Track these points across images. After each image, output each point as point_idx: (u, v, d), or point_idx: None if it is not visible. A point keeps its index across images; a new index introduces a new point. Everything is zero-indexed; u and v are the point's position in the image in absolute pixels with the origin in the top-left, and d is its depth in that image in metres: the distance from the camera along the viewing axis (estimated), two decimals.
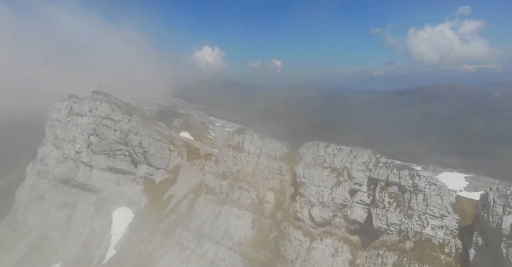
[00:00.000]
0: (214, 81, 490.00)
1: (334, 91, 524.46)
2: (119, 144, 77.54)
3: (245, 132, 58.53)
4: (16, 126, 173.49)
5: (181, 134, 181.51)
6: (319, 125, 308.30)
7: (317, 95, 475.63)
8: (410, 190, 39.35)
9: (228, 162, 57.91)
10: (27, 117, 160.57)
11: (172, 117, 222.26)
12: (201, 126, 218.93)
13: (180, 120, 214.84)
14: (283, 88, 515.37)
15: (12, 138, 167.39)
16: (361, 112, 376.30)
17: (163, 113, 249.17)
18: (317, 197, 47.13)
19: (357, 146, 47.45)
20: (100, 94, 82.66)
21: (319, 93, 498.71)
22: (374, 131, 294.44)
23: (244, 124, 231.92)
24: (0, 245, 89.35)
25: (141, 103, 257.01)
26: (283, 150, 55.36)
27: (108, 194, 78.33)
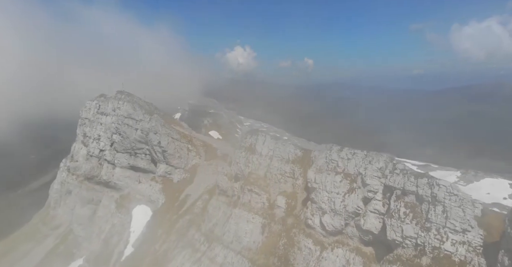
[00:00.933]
0: (245, 81, 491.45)
1: (370, 90, 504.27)
2: (140, 143, 78.76)
3: (258, 133, 56.63)
4: (62, 124, 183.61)
5: (210, 133, 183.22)
6: (351, 126, 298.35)
7: (351, 95, 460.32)
8: (428, 200, 35.52)
9: (240, 164, 56.35)
10: (69, 116, 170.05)
11: (202, 117, 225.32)
12: (230, 125, 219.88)
13: (209, 120, 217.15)
14: (314, 87, 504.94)
15: (55, 135, 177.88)
16: (399, 112, 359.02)
17: (194, 112, 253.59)
18: (329, 204, 44.22)
19: (387, 150, 44.01)
20: (124, 93, 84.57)
21: (353, 92, 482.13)
22: (413, 133, 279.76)
23: (273, 124, 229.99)
24: (32, 237, 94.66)
25: (174, 102, 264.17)
26: (296, 152, 52.83)
27: (129, 191, 79.91)
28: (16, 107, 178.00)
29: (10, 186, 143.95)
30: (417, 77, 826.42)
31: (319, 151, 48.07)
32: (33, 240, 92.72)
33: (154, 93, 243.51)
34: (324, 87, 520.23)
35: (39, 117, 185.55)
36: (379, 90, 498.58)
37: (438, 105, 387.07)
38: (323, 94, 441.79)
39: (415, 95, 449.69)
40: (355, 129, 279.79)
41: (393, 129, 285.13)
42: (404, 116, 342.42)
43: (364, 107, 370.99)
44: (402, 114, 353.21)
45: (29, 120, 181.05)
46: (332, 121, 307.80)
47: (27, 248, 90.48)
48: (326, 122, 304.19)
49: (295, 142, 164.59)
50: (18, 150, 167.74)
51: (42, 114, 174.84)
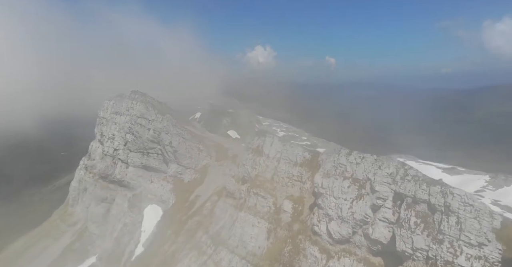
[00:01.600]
0: (264, 80, 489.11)
1: (394, 89, 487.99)
2: (152, 142, 78.99)
3: (266, 134, 54.97)
4: (90, 123, 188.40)
5: (228, 133, 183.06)
6: (374, 126, 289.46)
7: (375, 94, 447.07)
8: (441, 210, 32.78)
9: (247, 166, 54.94)
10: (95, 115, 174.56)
11: (221, 116, 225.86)
12: (248, 125, 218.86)
13: (228, 119, 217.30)
14: (336, 86, 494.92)
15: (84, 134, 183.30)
16: (425, 112, 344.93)
17: (214, 112, 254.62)
18: (336, 210, 42.01)
19: (400, 152, 41.32)
20: (137, 93, 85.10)
21: (376, 91, 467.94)
22: (440, 134, 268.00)
23: (292, 124, 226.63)
24: (51, 233, 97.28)
25: (195, 102, 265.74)
26: (304, 155, 50.80)
27: (141, 191, 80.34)
28: (46, 106, 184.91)
29: (43, 181, 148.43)
30: (445, 76, 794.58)
31: (327, 155, 45.88)
32: (51, 236, 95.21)
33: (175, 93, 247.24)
34: (346, 86, 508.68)
35: (67, 116, 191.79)
36: (404, 89, 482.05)
37: (467, 104, 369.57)
38: (346, 93, 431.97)
39: (443, 94, 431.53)
40: (378, 130, 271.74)
41: (418, 129, 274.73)
42: (431, 116, 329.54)
43: (388, 107, 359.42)
44: (429, 114, 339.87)
45: (57, 118, 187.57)
46: (355, 121, 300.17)
47: (45, 244, 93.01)
48: (348, 122, 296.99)
49: (315, 142, 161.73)
50: (50, 146, 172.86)
51: (69, 112, 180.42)
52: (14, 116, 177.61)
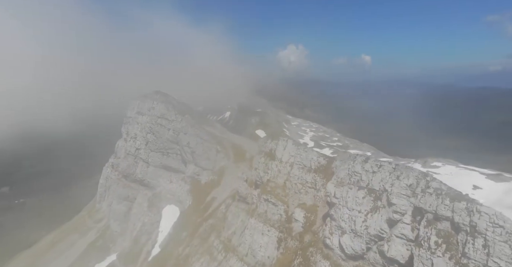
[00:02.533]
0: (296, 79, 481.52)
1: (437, 88, 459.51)
2: (172, 143, 78.84)
3: (279, 137, 52.08)
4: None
5: (256, 132, 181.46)
6: (414, 127, 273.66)
7: (414, 93, 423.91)
8: (466, 230, 28.33)
9: (259, 170, 52.41)
10: None
11: (249, 115, 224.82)
12: (276, 124, 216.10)
13: (256, 119, 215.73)
14: (372, 85, 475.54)
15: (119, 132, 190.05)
16: (470, 112, 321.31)
17: (242, 111, 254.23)
18: (349, 223, 38.36)
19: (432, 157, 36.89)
20: (159, 94, 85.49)
21: (416, 90, 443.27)
22: (486, 136, 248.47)
23: (323, 124, 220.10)
24: (78, 228, 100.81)
25: (225, 102, 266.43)
26: (319, 161, 47.36)
27: (160, 190, 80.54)
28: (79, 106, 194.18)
29: (89, 175, 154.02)
30: (494, 74, 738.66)
31: (341, 161, 42.21)
32: (78, 231, 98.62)
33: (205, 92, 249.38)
34: (383, 85, 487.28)
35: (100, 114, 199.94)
36: (446, 88, 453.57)
37: None
38: (383, 92, 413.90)
39: (491, 93, 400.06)
40: (418, 131, 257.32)
41: (462, 131, 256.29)
42: (476, 117, 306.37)
43: (429, 107, 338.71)
44: (474, 114, 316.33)
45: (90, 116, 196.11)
46: (392, 121, 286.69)
47: (73, 239, 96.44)
48: (385, 122, 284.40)
49: (346, 143, 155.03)
50: (88, 144, 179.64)
51: (101, 112, 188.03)
52: (50, 116, 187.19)
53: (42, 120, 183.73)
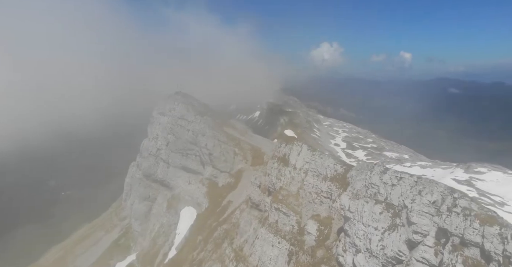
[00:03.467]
0: (329, 77, 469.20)
1: (485, 87, 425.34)
2: (191, 144, 77.81)
3: (293, 142, 48.59)
4: None
5: (285, 132, 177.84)
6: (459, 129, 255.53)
7: (458, 93, 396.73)
8: (498, 260, 23.71)
9: (272, 176, 49.31)
10: None
11: (279, 115, 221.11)
12: (306, 124, 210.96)
13: (285, 118, 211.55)
14: (412, 83, 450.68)
15: None
16: None
17: (272, 111, 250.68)
18: (364, 241, 34.35)
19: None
20: (180, 94, 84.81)
21: (461, 90, 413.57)
22: None
23: (357, 124, 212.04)
24: (104, 225, 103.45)
25: (255, 101, 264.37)
26: (336, 168, 43.37)
27: (179, 192, 79.85)
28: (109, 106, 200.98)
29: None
30: None
31: (357, 171, 38.08)
32: (104, 228, 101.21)
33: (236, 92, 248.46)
34: (425, 83, 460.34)
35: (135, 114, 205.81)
36: (495, 87, 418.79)
37: None
38: (424, 91, 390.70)
39: None
40: (463, 133, 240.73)
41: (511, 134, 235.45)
42: None
43: (475, 107, 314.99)
44: None
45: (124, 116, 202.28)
46: (434, 122, 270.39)
47: (99, 236, 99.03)
48: (426, 123, 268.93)
49: (382, 145, 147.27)
50: (127, 139, 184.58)
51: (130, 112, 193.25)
52: (80, 115, 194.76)
53: (71, 117, 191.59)
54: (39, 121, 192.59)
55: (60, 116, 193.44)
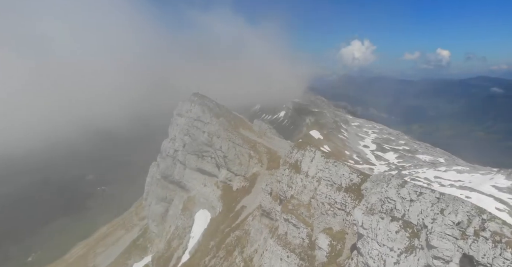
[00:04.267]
0: (360, 76, 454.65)
1: None
2: (206, 146, 76.21)
3: (306, 147, 45.28)
4: None
5: (310, 133, 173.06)
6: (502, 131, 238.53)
7: (502, 92, 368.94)
8: None
9: (283, 184, 46.40)
10: None
11: (304, 115, 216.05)
12: (333, 125, 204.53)
13: (311, 118, 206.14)
14: (450, 82, 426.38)
15: None
16: None
17: (297, 111, 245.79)
18: (378, 262, 30.83)
19: None
20: (197, 96, 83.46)
21: (504, 88, 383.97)
22: None
23: (389, 124, 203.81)
24: (125, 224, 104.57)
25: (280, 101, 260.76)
26: (351, 178, 39.79)
27: (195, 194, 78.62)
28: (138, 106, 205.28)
29: None
30: None
31: (373, 183, 34.37)
32: (125, 227, 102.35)
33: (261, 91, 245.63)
34: (464, 82, 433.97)
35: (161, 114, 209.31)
36: None
37: None
38: (463, 91, 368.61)
39: None
40: (505, 134, 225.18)
41: None
42: None
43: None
44: None
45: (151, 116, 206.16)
46: (474, 123, 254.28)
47: (119, 235, 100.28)
48: (465, 124, 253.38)
49: (415, 148, 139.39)
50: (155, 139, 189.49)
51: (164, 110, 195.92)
52: (110, 114, 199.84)
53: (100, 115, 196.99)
54: (68, 119, 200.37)
55: (88, 114, 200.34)
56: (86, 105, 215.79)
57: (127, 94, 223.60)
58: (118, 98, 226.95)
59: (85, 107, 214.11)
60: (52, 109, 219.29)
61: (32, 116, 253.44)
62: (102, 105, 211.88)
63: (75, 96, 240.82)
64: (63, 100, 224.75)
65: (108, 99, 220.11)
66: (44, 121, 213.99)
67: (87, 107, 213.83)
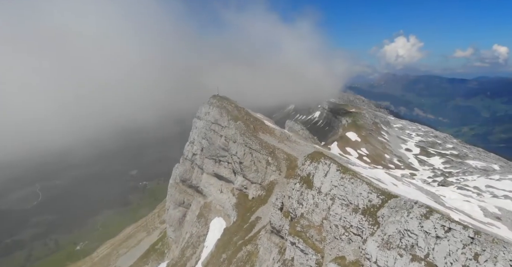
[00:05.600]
0: (404, 75, 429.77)
1: None
2: (223, 150, 72.58)
3: (320, 159, 39.72)
4: None
5: (347, 135, 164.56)
6: None
7: None
8: None
9: (293, 200, 41.27)
10: None
11: (340, 116, 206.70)
12: (372, 126, 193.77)
13: (348, 119, 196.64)
14: (507, 81, 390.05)
15: None
16: None
17: (333, 111, 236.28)
18: None
19: None
20: (216, 98, 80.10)
21: None
22: None
23: (435, 126, 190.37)
24: (147, 226, 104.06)
25: (315, 100, 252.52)
26: (370, 198, 33.81)
27: (211, 200, 75.40)
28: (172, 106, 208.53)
29: None
30: None
31: (391, 210, 28.39)
32: (147, 229, 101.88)
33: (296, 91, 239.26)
34: None
35: None
36: None
37: None
38: None
39: None
40: None
41: None
42: None
43: None
44: None
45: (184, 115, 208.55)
46: None
47: (141, 237, 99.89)
48: None
49: (464, 152, 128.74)
50: None
51: None
52: (146, 113, 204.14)
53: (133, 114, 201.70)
54: (104, 118, 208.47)
55: (121, 114, 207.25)
56: (118, 104, 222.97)
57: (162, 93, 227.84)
58: (152, 98, 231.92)
59: (118, 106, 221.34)
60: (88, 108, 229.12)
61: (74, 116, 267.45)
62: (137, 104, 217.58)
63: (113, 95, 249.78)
64: (97, 99, 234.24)
65: (141, 99, 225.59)
66: (83, 120, 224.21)
67: (120, 106, 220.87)
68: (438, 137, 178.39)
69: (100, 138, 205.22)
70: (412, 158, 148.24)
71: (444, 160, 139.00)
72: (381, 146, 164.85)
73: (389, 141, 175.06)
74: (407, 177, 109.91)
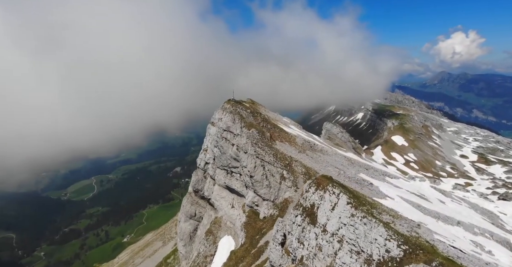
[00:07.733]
0: (461, 73, 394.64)
1: None
2: (235, 161, 65.02)
3: (327, 186, 30.57)
4: None
5: (392, 138, 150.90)
6: None
7: None
8: None
9: (292, 237, 32.47)
10: None
11: (386, 118, 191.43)
12: (422, 130, 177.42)
13: (394, 122, 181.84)
14: None
15: None
16: None
17: (378, 113, 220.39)
18: None
19: None
20: (230, 102, 72.89)
21: None
22: None
23: (497, 131, 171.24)
24: (164, 235, 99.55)
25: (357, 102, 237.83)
26: (388, 247, 24.39)
27: (222, 215, 68.15)
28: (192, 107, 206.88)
29: None
30: None
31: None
32: (163, 239, 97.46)
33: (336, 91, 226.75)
34: None
35: None
36: None
37: None
38: None
39: None
40: None
41: None
42: None
43: None
44: None
45: None
46: None
47: (156, 246, 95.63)
48: None
49: None
50: None
51: None
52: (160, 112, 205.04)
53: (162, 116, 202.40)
54: (137, 121, 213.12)
55: (151, 115, 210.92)
56: (147, 107, 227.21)
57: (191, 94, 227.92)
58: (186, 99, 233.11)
59: (147, 109, 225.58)
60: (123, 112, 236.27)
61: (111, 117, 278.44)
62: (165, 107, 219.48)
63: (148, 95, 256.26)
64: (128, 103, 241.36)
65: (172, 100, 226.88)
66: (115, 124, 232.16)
67: (148, 109, 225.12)
68: (501, 143, 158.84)
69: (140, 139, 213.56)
70: (468, 165, 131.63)
71: (507, 169, 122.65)
72: (432, 151, 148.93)
73: (441, 146, 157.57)
74: (460, 188, 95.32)
